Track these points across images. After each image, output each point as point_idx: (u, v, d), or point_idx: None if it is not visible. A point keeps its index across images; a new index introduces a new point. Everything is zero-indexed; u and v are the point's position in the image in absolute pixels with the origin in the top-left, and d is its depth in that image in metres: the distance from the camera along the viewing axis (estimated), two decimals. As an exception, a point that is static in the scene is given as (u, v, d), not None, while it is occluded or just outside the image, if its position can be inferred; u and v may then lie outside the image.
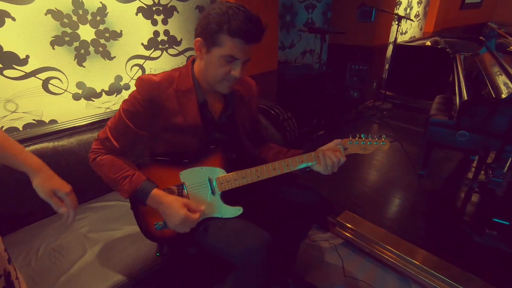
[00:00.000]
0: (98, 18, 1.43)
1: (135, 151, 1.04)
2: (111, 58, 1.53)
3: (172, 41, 1.75)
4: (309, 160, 1.01)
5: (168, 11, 1.67)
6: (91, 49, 1.45)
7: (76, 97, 1.47)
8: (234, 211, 1.04)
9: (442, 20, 4.62)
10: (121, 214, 1.33)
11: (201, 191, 1.03)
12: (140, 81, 0.95)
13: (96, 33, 1.44)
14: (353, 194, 2.01)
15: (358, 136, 1.00)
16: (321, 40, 3.03)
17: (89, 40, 1.43)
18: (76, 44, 1.40)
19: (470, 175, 2.18)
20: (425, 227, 1.71)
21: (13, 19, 1.21)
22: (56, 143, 1.31)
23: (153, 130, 1.00)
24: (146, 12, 1.58)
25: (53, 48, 1.34)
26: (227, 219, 1.04)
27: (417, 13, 4.34)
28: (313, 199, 1.18)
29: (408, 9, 4.06)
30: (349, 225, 1.67)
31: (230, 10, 0.85)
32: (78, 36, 1.40)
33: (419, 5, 4.27)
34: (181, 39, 1.78)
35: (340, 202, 1.89)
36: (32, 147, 1.26)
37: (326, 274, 1.52)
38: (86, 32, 1.42)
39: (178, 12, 1.71)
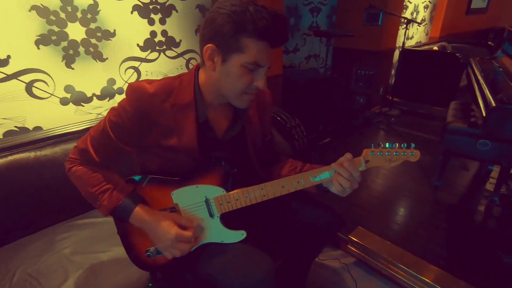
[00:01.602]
0: (89, 16, 1.31)
1: (120, 162, 0.91)
2: (103, 60, 1.41)
3: (171, 42, 1.62)
4: (324, 176, 0.85)
5: (166, 10, 1.55)
6: (81, 49, 1.33)
7: (64, 101, 1.34)
8: (236, 236, 0.88)
9: (448, 26, 4.52)
10: (110, 233, 1.19)
11: (198, 213, 0.88)
12: (130, 90, 0.79)
13: (86, 32, 1.32)
14: (360, 206, 1.86)
15: (381, 145, 0.83)
16: (326, 44, 2.92)
17: (79, 40, 1.31)
18: (64, 44, 1.28)
19: (489, 187, 2.03)
20: (446, 245, 1.56)
21: (-8, 15, 1.09)
22: (38, 153, 1.18)
23: (140, 146, 0.86)
24: (142, 10, 1.46)
25: (38, 48, 1.22)
26: (227, 244, 0.89)
27: (424, 18, 4.25)
28: (326, 216, 1.03)
29: (415, 13, 3.96)
30: (362, 243, 1.52)
31: (251, 7, 0.69)
32: (67, 35, 1.28)
33: (425, 9, 4.18)
34: (180, 40, 1.66)
35: (350, 216, 1.75)
36: (11, 157, 1.13)
37: (338, 299, 1.37)
38: (76, 31, 1.29)
39: (177, 12, 1.59)
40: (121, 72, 1.49)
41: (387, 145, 0.83)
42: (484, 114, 1.35)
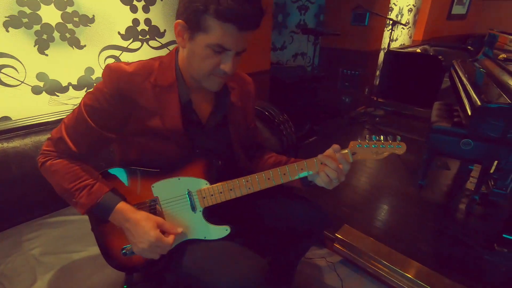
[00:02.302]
0: (65, -2, 1.22)
1: (99, 155, 0.84)
2: (80, 47, 1.32)
3: (154, 32, 1.55)
4: (311, 168, 0.81)
5: (150, -2, 1.48)
6: (56, 34, 1.23)
7: (36, 90, 1.24)
8: (219, 232, 0.84)
9: (430, 29, 4.65)
10: (85, 232, 1.09)
11: (179, 207, 0.83)
12: (107, 70, 0.74)
13: (62, 17, 1.23)
14: (346, 204, 1.85)
15: (368, 138, 0.82)
16: (313, 43, 2.92)
17: (53, 24, 1.22)
18: (37, 27, 1.18)
19: (470, 186, 2.07)
20: (430, 242, 1.57)
21: (-47, -9, 0.99)
22: (6, 145, 1.08)
23: (122, 132, 0.80)
24: (124, -4, 1.38)
25: (7, 31, 1.12)
26: (211, 241, 0.84)
27: (407, 21, 4.34)
28: (313, 214, 1.00)
29: (399, 16, 4.03)
30: (348, 241, 1.50)
31: None
32: (40, 18, 1.18)
33: (409, 12, 4.26)
34: (165, 30, 1.58)
35: (336, 214, 1.74)
36: (-28, 149, 1.03)
37: (324, 298, 1.34)
38: (50, 14, 1.20)
39: (161, 0, 1.52)
40: (101, 61, 1.40)
41: (373, 137, 0.81)
42: (469, 113, 1.37)
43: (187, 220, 0.83)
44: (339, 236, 1.53)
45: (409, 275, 1.33)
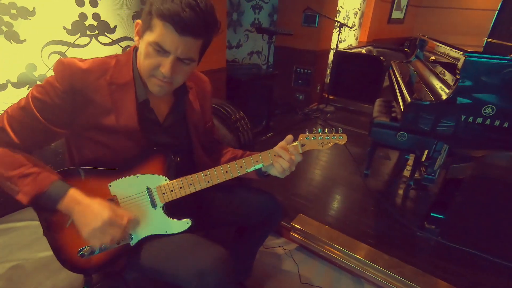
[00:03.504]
0: (0, -12, 1.12)
1: (41, 149, 0.81)
2: (20, 42, 1.22)
3: (104, 28, 1.49)
4: (265, 160, 0.88)
5: (98, -8, 1.42)
6: (-10, 27, 1.14)
7: (-33, 88, 1.13)
8: (181, 225, 0.87)
9: (373, 32, 5.05)
10: (34, 237, 1.05)
11: (138, 204, 0.84)
12: (60, 65, 0.73)
13: (-3, 8, 1.13)
14: (301, 196, 1.98)
15: (314, 130, 0.91)
16: (268, 42, 3.00)
17: (-14, 16, 1.12)
18: (-33, 19, 1.08)
19: (406, 173, 2.34)
20: (374, 225, 1.76)
21: None
22: None
23: (73, 128, 0.78)
24: (69, -11, 1.31)
25: None
26: (172, 235, 0.87)
27: (353, 24, 4.66)
28: (271, 204, 1.08)
29: (346, 18, 4.32)
30: (303, 229, 1.62)
31: None
32: (-30, 9, 1.08)
33: (355, 16, 4.59)
34: (115, 26, 1.53)
35: (292, 205, 1.85)
36: None
37: (282, 283, 1.44)
38: (-18, 5, 1.10)
39: (110, -6, 1.47)
40: (44, 57, 1.31)
41: (319, 130, 0.91)
42: (402, 109, 1.56)
43: (147, 217, 0.85)
44: (294, 225, 1.64)
45: (355, 255, 1.48)
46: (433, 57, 2.29)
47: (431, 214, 1.67)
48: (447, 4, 6.53)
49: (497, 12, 5.85)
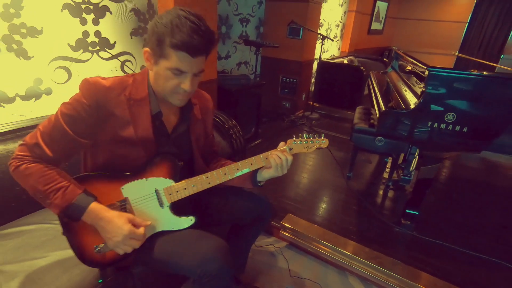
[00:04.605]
0: (11, 10, 1.23)
1: (70, 160, 0.91)
2: (28, 58, 1.32)
3: (104, 44, 1.60)
4: (258, 163, 1.01)
5: (100, 11, 1.53)
6: (2, 46, 1.23)
7: (-20, 102, 1.22)
8: (185, 222, 0.99)
9: (354, 42, 5.33)
10: (45, 239, 1.14)
11: (148, 204, 0.96)
12: (86, 84, 0.84)
13: (9, 28, 1.23)
14: (289, 197, 2.12)
15: (300, 136, 1.04)
16: (255, 53, 3.17)
17: (-1, 35, 1.22)
18: (-19, 38, 1.17)
19: (385, 175, 2.53)
20: (356, 222, 1.91)
21: None
22: (-47, 158, 1.06)
23: (96, 139, 0.90)
24: (73, 9, 1.43)
25: (-51, 42, 1.09)
26: (177, 230, 0.98)
27: (336, 35, 4.92)
28: (261, 204, 1.21)
29: (329, 30, 4.57)
30: (292, 227, 1.76)
31: (175, 20, 0.80)
32: (-16, 29, 1.17)
33: (337, 27, 4.85)
34: (115, 42, 1.65)
35: (281, 206, 1.98)
36: None
37: (274, 277, 1.56)
38: (-4, 26, 1.20)
39: (111, 13, 1.59)
40: (50, 72, 1.41)
41: (305, 135, 1.04)
42: (377, 116, 1.74)
43: (156, 215, 0.96)
44: (284, 224, 1.78)
45: (340, 249, 1.63)
46: (409, 67, 2.51)
47: (406, 211, 1.84)
48: (422, 16, 6.95)
49: (467, 24, 6.30)
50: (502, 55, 5.84)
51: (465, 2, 6.36)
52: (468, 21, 6.26)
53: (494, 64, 2.18)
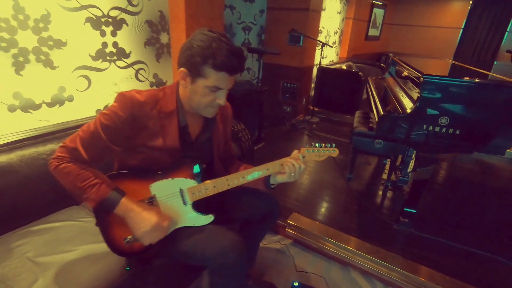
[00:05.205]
0: (41, 24, 1.34)
1: (102, 163, 1.02)
2: (54, 68, 1.43)
3: (121, 53, 1.71)
4: (274, 168, 1.11)
5: (117, 24, 1.65)
6: (32, 57, 1.34)
7: (11, 108, 1.32)
8: (205, 219, 1.08)
9: (352, 48, 5.48)
10: (71, 235, 1.24)
11: (173, 202, 1.06)
12: (122, 97, 0.94)
13: (38, 41, 1.34)
14: (293, 198, 2.23)
15: (313, 145, 1.14)
16: (257, 59, 3.29)
17: (29, 48, 1.32)
18: (14, 51, 1.28)
19: (384, 176, 2.64)
20: (356, 221, 2.02)
21: None
22: (-9, 160, 1.16)
23: (127, 146, 1.00)
24: (95, 22, 1.54)
25: (-14, 54, 1.20)
26: (198, 226, 1.08)
27: (334, 41, 5.07)
28: (270, 203, 1.31)
29: (328, 37, 4.71)
30: (297, 225, 1.86)
31: (214, 43, 0.90)
32: (16, 42, 1.28)
33: (335, 34, 4.99)
34: (130, 52, 1.76)
35: (286, 206, 2.08)
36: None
37: (281, 272, 1.65)
38: (27, 39, 1.31)
39: (127, 25, 1.70)
40: (72, 80, 1.52)
41: (317, 144, 1.14)
42: (376, 120, 1.85)
43: (179, 212, 1.06)
44: (289, 222, 1.88)
45: (342, 244, 1.73)
46: (405, 73, 2.64)
47: (404, 209, 1.95)
48: (418, 22, 7.13)
49: (461, 30, 6.48)
50: (495, 61, 6.01)
51: (459, 8, 6.55)
52: (462, 27, 6.43)
53: (486, 72, 2.31)
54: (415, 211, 1.94)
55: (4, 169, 1.17)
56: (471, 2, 6.12)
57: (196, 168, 1.06)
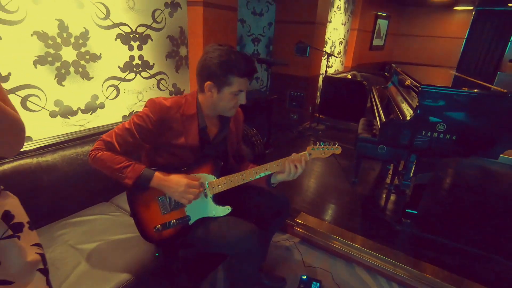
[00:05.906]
0: (80, 41, 1.52)
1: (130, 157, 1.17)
2: (89, 79, 1.61)
3: (145, 65, 1.89)
4: (283, 165, 1.25)
5: (143, 39, 1.83)
6: (72, 69, 1.52)
7: (52, 114, 1.50)
8: (224, 210, 1.23)
9: (357, 58, 5.65)
10: (106, 226, 1.39)
11: None
12: (152, 103, 1.11)
13: (77, 55, 1.52)
14: (301, 200, 2.36)
15: (318, 144, 1.29)
16: (266, 69, 3.47)
17: (70, 61, 1.50)
18: (58, 64, 1.46)
19: (387, 180, 2.76)
20: (361, 222, 2.14)
21: None
22: (40, 159, 1.32)
23: (155, 144, 1.16)
24: (124, 38, 1.72)
25: (35, 67, 1.38)
26: (217, 217, 1.23)
27: (339, 51, 5.24)
28: (280, 202, 1.45)
29: (333, 47, 4.89)
30: (305, 223, 1.99)
31: (232, 55, 1.07)
32: (60, 56, 1.46)
33: (340, 44, 5.17)
34: (153, 64, 1.94)
35: (294, 207, 2.21)
36: (15, 163, 1.26)
37: (290, 267, 1.78)
38: (68, 54, 1.49)
39: (152, 40, 1.88)
40: (103, 89, 1.70)
41: (321, 143, 1.29)
42: (379, 126, 1.99)
43: (201, 203, 1.21)
44: (298, 221, 2.01)
45: (347, 241, 1.85)
46: (408, 82, 2.78)
47: (406, 210, 2.07)
48: (421, 32, 7.30)
49: (465, 40, 6.61)
50: (498, 72, 6.11)
51: (462, 19, 6.71)
52: (465, 37, 6.57)
53: (487, 85, 2.44)
54: (416, 212, 2.06)
55: (50, 167, 1.34)
56: (473, 12, 6.27)
57: (216, 165, 1.22)
